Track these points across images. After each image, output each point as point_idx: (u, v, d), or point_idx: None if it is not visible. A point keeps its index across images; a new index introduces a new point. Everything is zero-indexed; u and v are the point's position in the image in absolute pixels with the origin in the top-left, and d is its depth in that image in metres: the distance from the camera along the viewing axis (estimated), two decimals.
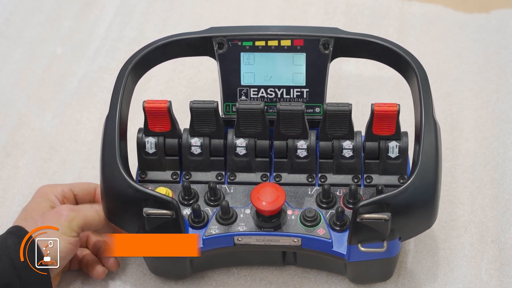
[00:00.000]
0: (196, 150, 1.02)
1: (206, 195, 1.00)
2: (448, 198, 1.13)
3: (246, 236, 0.97)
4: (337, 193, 1.00)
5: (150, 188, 0.95)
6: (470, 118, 1.23)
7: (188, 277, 1.06)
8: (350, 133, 1.00)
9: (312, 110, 1.05)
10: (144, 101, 1.00)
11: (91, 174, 1.18)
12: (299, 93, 1.04)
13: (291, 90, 1.04)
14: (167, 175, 1.03)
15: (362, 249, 0.94)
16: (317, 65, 1.02)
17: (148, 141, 1.02)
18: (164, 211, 0.93)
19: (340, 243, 0.97)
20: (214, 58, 1.03)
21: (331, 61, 1.02)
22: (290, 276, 1.06)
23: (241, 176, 1.02)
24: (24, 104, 1.29)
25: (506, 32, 1.35)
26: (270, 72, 1.03)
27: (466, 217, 1.11)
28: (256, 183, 0.99)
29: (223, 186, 1.02)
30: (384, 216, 0.91)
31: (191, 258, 0.99)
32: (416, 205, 0.93)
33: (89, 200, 1.06)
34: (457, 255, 1.07)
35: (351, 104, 0.99)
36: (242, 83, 1.04)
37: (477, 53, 1.32)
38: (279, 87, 1.04)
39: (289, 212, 0.98)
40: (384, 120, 0.99)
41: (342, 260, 0.97)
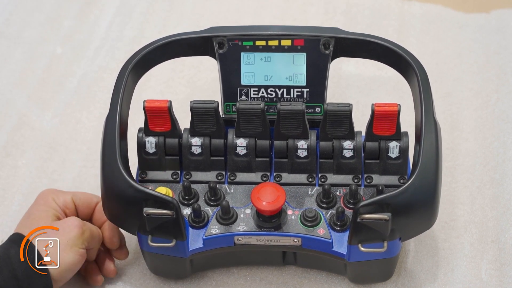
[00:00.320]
0: (196, 150, 1.02)
1: (206, 195, 1.00)
2: (448, 198, 1.13)
3: (246, 236, 0.97)
4: (338, 193, 1.00)
5: (150, 188, 0.95)
6: (470, 118, 1.23)
7: (188, 277, 1.05)
8: (351, 133, 1.00)
9: (313, 110, 1.05)
10: (145, 101, 1.00)
11: (91, 173, 1.18)
12: (300, 93, 1.04)
13: (292, 90, 1.04)
14: (167, 175, 1.03)
15: (362, 249, 0.94)
16: (318, 65, 1.02)
17: (148, 141, 1.02)
18: (164, 211, 0.93)
19: (340, 243, 0.96)
20: (215, 58, 1.03)
21: (332, 61, 1.02)
22: (290, 276, 1.06)
23: (241, 176, 1.02)
24: (24, 104, 1.29)
25: (506, 32, 1.35)
26: (271, 72, 1.03)
27: (466, 217, 1.11)
28: (256, 183, 0.99)
29: (223, 186, 1.02)
30: (385, 217, 0.91)
31: (191, 258, 0.99)
32: (417, 205, 0.93)
33: (87, 213, 1.03)
34: (457, 255, 1.07)
35: (352, 104, 0.99)
36: (243, 83, 1.04)
37: (477, 53, 1.32)
38: (280, 87, 1.04)
39: (289, 212, 0.98)
40: (385, 120, 0.98)
41: (342, 260, 0.97)
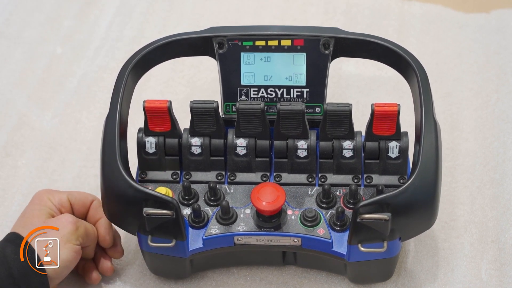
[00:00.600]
0: (196, 150, 1.02)
1: (206, 195, 1.00)
2: (448, 198, 1.13)
3: (246, 236, 0.97)
4: (337, 193, 1.00)
5: (150, 188, 0.95)
6: (470, 118, 1.23)
7: (188, 277, 1.05)
8: (350, 133, 1.00)
9: (312, 110, 1.05)
10: (144, 101, 1.00)
11: (91, 173, 1.18)
12: (299, 93, 1.04)
13: (291, 90, 1.04)
14: (167, 175, 1.03)
15: (362, 249, 0.94)
16: (317, 65, 1.02)
17: (148, 141, 1.02)
18: (164, 211, 0.92)
19: (340, 243, 0.96)
20: (214, 58, 1.03)
21: (331, 61, 1.02)
22: (290, 276, 1.06)
23: (241, 176, 1.02)
24: (24, 104, 1.29)
25: (506, 32, 1.35)
26: (270, 72, 1.03)
27: (466, 217, 1.11)
28: (256, 183, 0.99)
29: (223, 186, 1.02)
30: (384, 216, 0.91)
31: (191, 258, 0.99)
32: (416, 205, 0.92)
33: (83, 212, 1.03)
34: (457, 255, 1.07)
35: (351, 104, 0.99)
36: (242, 83, 1.04)
37: (477, 53, 1.32)
38: (279, 87, 1.04)
39: (289, 212, 0.98)
40: (384, 120, 0.98)
41: (342, 260, 0.97)
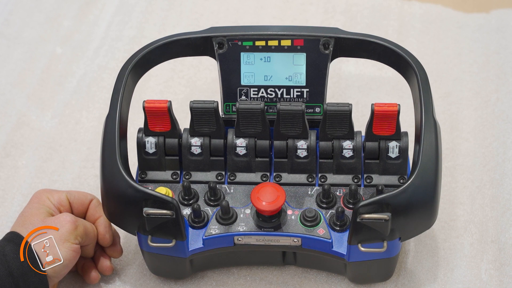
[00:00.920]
0: (196, 150, 1.02)
1: (206, 195, 1.00)
2: (448, 198, 1.13)
3: (246, 236, 0.97)
4: (337, 193, 1.00)
5: (150, 188, 0.95)
6: (470, 118, 1.23)
7: (188, 277, 1.05)
8: (350, 133, 1.00)
9: (312, 110, 1.05)
10: (144, 101, 1.00)
11: (91, 174, 1.18)
12: (299, 93, 1.04)
13: (291, 90, 1.04)
14: (167, 175, 1.03)
15: (362, 249, 0.94)
16: (317, 65, 1.02)
17: (148, 141, 1.02)
18: (164, 211, 0.92)
19: (340, 243, 0.96)
20: (214, 58, 1.03)
21: (331, 61, 1.02)
22: (290, 276, 1.06)
23: (241, 176, 1.02)
24: (24, 104, 1.28)
25: (506, 32, 1.35)
26: (270, 72, 1.03)
27: (466, 217, 1.11)
28: (256, 183, 0.99)
29: (223, 186, 1.02)
30: (384, 216, 0.91)
31: (191, 258, 0.99)
32: (416, 205, 0.92)
33: (82, 211, 1.03)
34: (457, 255, 1.07)
35: (351, 104, 0.99)
36: (242, 83, 1.04)
37: (477, 53, 1.32)
38: (279, 87, 1.04)
39: (289, 212, 0.98)
40: (384, 120, 0.98)
41: (342, 260, 0.97)
